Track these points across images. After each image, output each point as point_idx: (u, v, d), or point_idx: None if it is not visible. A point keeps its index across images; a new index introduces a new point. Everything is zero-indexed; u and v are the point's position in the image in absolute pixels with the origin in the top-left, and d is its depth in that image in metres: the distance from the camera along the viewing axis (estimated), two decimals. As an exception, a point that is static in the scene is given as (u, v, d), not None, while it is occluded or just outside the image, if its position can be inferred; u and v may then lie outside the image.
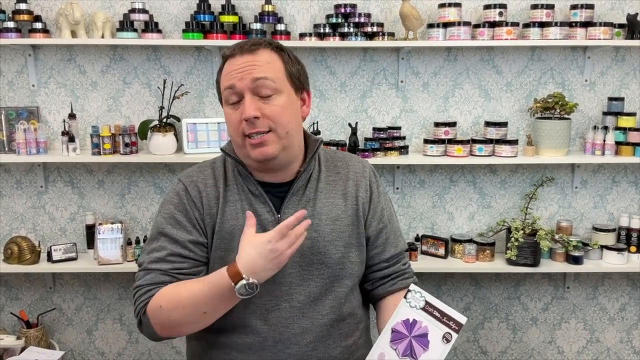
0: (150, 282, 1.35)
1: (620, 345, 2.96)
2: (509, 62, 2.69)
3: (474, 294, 2.90)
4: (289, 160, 1.41)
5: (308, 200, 1.43)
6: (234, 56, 1.36)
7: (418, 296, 1.25)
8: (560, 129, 2.56)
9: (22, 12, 2.52)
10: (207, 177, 1.44)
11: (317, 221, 1.41)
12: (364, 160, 1.56)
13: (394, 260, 1.51)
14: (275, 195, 1.42)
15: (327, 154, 1.54)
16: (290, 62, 1.40)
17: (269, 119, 1.33)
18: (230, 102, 1.36)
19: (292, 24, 2.64)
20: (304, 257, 1.40)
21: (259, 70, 1.33)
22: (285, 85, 1.37)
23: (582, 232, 2.81)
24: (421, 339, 1.23)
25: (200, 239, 1.39)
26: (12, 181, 2.74)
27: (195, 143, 2.61)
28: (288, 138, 1.36)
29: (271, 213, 1.40)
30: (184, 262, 1.37)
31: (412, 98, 2.72)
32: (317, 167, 1.48)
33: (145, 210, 2.78)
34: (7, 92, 2.66)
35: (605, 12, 2.64)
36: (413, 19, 2.47)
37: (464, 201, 2.80)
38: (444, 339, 1.22)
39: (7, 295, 2.85)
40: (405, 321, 1.25)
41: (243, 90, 1.33)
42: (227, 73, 1.36)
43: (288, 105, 1.36)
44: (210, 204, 1.40)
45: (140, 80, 2.67)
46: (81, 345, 2.91)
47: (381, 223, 1.49)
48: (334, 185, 1.46)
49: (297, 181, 1.42)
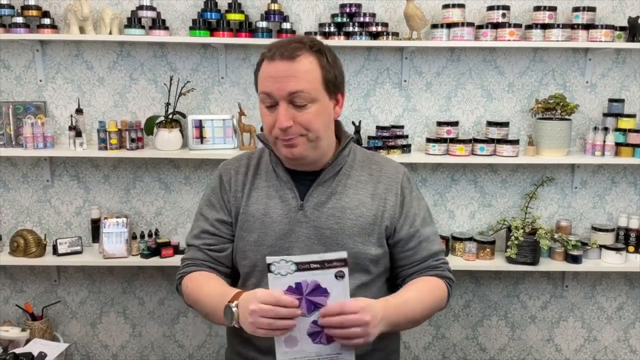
0: (189, 257, 1.55)
1: (618, 344, 2.99)
2: (511, 63, 2.73)
3: (473, 292, 2.93)
4: (317, 158, 1.47)
5: (334, 192, 1.48)
6: (273, 59, 1.37)
7: (283, 263, 1.21)
8: (561, 129, 2.60)
9: (30, 8, 2.54)
10: (240, 165, 1.57)
11: (340, 214, 1.46)
12: (399, 166, 1.58)
13: (426, 259, 1.54)
14: (302, 184, 1.49)
15: (364, 155, 1.58)
16: (329, 66, 1.41)
17: (302, 126, 1.38)
18: (266, 104, 1.41)
19: (298, 23, 2.67)
20: (323, 245, 1.45)
21: (295, 83, 1.35)
22: (320, 92, 1.39)
23: (581, 232, 2.85)
24: (317, 292, 1.23)
25: (226, 218, 1.53)
26: (19, 175, 2.77)
27: (201, 139, 2.64)
28: (318, 141, 1.42)
29: (296, 199, 1.47)
30: (211, 239, 1.53)
31: (415, 97, 2.75)
32: (349, 164, 1.52)
33: (150, 205, 2.81)
34: (14, 87, 2.69)
35: (606, 15, 2.67)
36: (417, 19, 2.50)
37: (465, 200, 2.83)
38: (337, 277, 1.23)
39: (12, 288, 2.88)
40: (289, 289, 1.22)
41: (278, 100, 1.37)
42: (265, 77, 1.39)
43: (321, 112, 1.40)
44: (237, 189, 1.53)
45: (147, 77, 2.70)
46: (85, 338, 2.95)
47: (413, 227, 1.51)
48: (364, 184, 1.50)
49: (324, 172, 1.47)
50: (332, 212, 1.46)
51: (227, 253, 1.53)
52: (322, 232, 1.45)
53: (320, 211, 1.46)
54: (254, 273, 1.50)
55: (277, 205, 1.48)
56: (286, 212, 1.47)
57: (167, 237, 2.79)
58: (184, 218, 2.83)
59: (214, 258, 1.53)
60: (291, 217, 1.46)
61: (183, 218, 2.83)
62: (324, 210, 1.46)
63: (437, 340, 2.98)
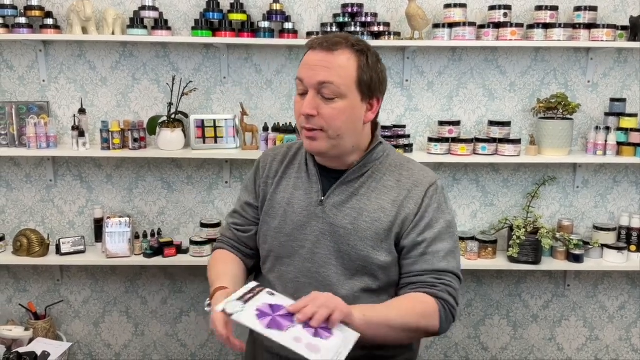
0: (222, 234, 1.69)
1: (620, 343, 3.00)
2: (513, 63, 2.73)
3: (475, 291, 2.94)
4: (340, 156, 1.47)
5: (355, 193, 1.48)
6: (314, 49, 1.40)
7: (232, 303, 1.23)
8: (563, 129, 2.60)
9: (33, 8, 2.55)
10: (278, 154, 1.62)
11: (357, 215, 1.46)
12: (431, 176, 1.51)
13: (425, 274, 1.44)
14: (329, 180, 1.51)
15: (399, 160, 1.54)
16: (367, 68, 1.40)
17: (323, 120, 1.39)
18: (298, 91, 1.43)
19: (300, 23, 2.68)
20: (335, 243, 1.46)
21: (327, 73, 1.37)
22: (352, 91, 1.39)
23: (583, 231, 2.85)
24: (275, 307, 1.24)
25: (254, 202, 1.61)
26: (22, 175, 2.78)
27: (203, 139, 2.65)
28: (338, 140, 1.42)
29: (318, 194, 1.50)
30: (239, 219, 1.63)
31: (417, 97, 2.75)
32: (377, 167, 1.51)
33: (152, 205, 2.82)
34: (17, 87, 2.70)
35: (608, 14, 2.68)
36: (419, 19, 2.50)
37: (466, 199, 2.83)
38: (270, 294, 1.28)
39: (15, 287, 2.89)
40: (259, 315, 1.21)
41: (308, 87, 1.39)
42: (303, 63, 1.42)
43: (346, 110, 1.40)
44: (270, 175, 1.59)
45: (150, 77, 2.71)
46: (88, 337, 2.96)
47: (421, 237, 1.44)
48: (388, 190, 1.48)
49: (348, 172, 1.49)
50: (350, 212, 1.46)
51: (250, 234, 1.61)
52: (336, 230, 1.46)
53: (339, 209, 1.47)
54: (269, 258, 1.55)
55: (301, 197, 1.51)
56: (307, 205, 1.50)
57: (170, 236, 2.79)
58: (186, 218, 2.83)
59: (239, 238, 1.62)
60: (310, 210, 1.49)
61: (185, 218, 2.83)
62: (342, 209, 1.47)
63: (439, 340, 2.98)
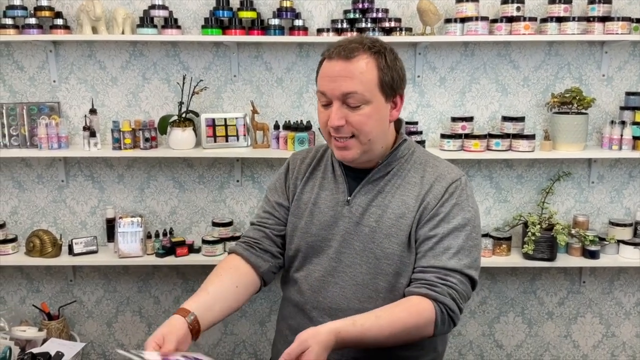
0: (245, 234, 1.63)
1: (636, 339, 2.96)
2: (526, 57, 2.70)
3: (489, 288, 2.91)
4: (370, 159, 1.48)
5: (381, 191, 1.48)
6: (331, 59, 1.39)
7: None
8: (578, 123, 2.57)
9: (43, 9, 2.55)
10: (307, 156, 1.65)
11: (381, 212, 1.46)
12: (455, 173, 1.48)
13: (430, 271, 1.39)
14: (355, 180, 1.51)
15: (425, 157, 1.54)
16: (387, 68, 1.39)
17: (353, 127, 1.39)
18: (321, 102, 1.43)
19: (310, 20, 2.66)
20: (361, 242, 1.46)
21: (349, 83, 1.36)
22: (376, 95, 1.39)
23: (598, 227, 2.82)
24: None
25: (284, 202, 1.62)
26: (34, 175, 2.78)
27: (214, 138, 2.64)
28: (370, 144, 1.42)
29: (345, 194, 1.51)
30: (269, 219, 1.62)
31: (429, 93, 2.73)
32: (402, 164, 1.50)
33: (164, 204, 2.81)
34: (28, 88, 2.70)
35: (623, 7, 2.64)
36: (430, 14, 2.48)
37: (480, 196, 2.81)
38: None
39: (28, 288, 2.90)
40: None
41: (332, 99, 1.39)
42: (322, 76, 1.42)
43: (374, 114, 1.40)
44: (298, 176, 1.61)
45: (160, 76, 2.70)
46: (101, 337, 2.96)
47: (433, 231, 1.41)
48: (412, 186, 1.47)
49: (374, 171, 1.49)
50: (375, 211, 1.46)
51: (281, 234, 1.61)
52: (361, 229, 1.46)
53: (365, 208, 1.47)
54: (297, 258, 1.56)
55: (327, 197, 1.53)
56: (333, 205, 1.51)
57: (182, 236, 2.79)
58: (198, 217, 2.83)
59: (269, 236, 1.60)
60: (337, 210, 1.50)
61: (197, 217, 2.83)
62: (368, 208, 1.47)
63: (454, 338, 2.96)
